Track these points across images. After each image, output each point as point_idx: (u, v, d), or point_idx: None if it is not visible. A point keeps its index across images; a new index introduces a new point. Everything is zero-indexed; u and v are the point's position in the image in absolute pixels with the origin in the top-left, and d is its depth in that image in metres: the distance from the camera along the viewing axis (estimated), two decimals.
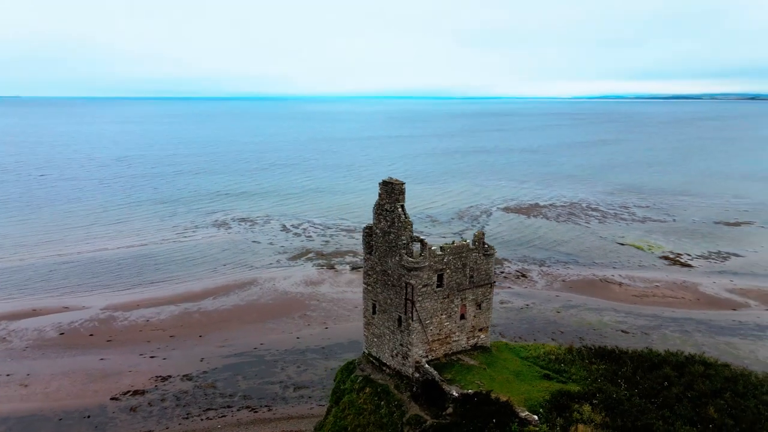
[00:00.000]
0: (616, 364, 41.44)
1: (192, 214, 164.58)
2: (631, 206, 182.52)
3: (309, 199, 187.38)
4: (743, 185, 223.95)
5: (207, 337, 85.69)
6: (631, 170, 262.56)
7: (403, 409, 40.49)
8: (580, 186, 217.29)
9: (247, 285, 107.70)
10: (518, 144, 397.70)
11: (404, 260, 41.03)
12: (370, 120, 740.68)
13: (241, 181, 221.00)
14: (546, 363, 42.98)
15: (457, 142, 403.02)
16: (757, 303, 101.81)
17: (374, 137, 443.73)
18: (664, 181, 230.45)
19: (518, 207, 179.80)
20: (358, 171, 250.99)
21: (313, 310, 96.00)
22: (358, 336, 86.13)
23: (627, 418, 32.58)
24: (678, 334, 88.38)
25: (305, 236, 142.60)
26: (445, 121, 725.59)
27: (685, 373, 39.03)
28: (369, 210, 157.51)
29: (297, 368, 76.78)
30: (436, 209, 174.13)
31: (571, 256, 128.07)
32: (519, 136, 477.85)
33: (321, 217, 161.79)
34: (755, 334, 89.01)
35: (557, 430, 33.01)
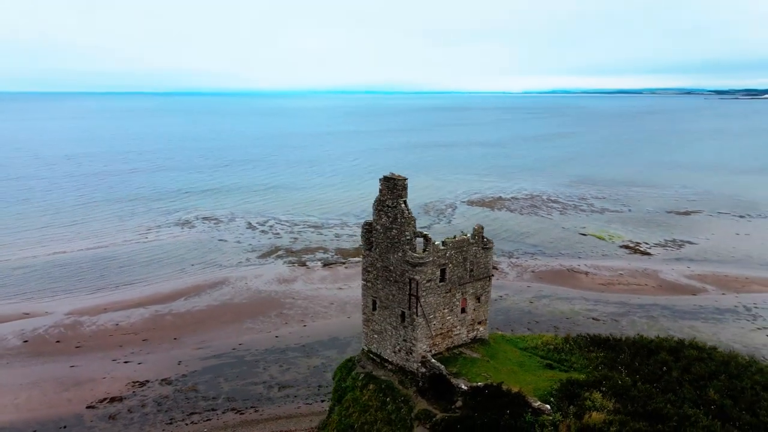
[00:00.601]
0: (613, 352, 42.89)
1: (152, 213, 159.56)
2: (588, 197, 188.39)
3: (273, 195, 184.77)
4: (689, 175, 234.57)
5: (182, 340, 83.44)
6: (585, 162, 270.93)
7: (411, 404, 40.62)
8: (539, 179, 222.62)
9: (219, 284, 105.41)
10: (477, 138, 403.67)
11: (408, 256, 41.08)
12: (327, 115, 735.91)
13: (201, 178, 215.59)
14: (546, 353, 44.00)
15: (417, 137, 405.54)
16: (714, 288, 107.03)
17: (334, 132, 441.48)
18: (617, 173, 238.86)
19: (482, 200, 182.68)
20: (321, 167, 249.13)
21: (290, 308, 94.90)
22: (337, 333, 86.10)
23: (636, 403, 33.78)
24: (645, 320, 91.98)
25: (273, 233, 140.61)
26: (402, 115, 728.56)
27: (681, 357, 40.81)
28: (336, 205, 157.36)
29: (279, 367, 75.78)
30: None
31: (537, 247, 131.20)
32: (477, 130, 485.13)
33: (287, 214, 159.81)
34: (715, 317, 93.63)
35: (570, 418, 33.85)
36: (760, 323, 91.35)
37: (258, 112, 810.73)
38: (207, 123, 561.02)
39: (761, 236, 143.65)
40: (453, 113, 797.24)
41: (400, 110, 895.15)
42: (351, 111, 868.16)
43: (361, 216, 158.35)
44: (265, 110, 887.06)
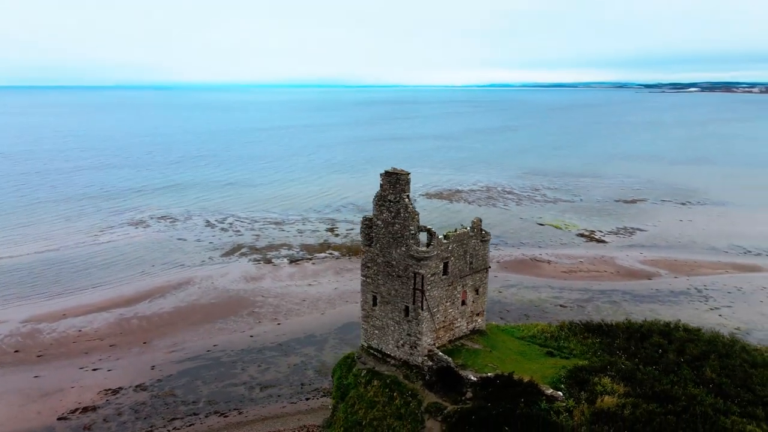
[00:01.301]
0: (608, 337, 44.61)
1: (102, 213, 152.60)
2: (541, 188, 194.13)
3: (229, 192, 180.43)
4: (631, 165, 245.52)
5: (153, 343, 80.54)
6: (534, 154, 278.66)
7: (419, 398, 40.89)
8: (493, 171, 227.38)
9: (183, 285, 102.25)
10: (429, 131, 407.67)
11: (413, 250, 41.22)
12: (272, 109, 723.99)
13: (151, 176, 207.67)
14: (543, 341, 45.24)
15: (369, 131, 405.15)
16: (667, 272, 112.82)
17: (284, 127, 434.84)
18: (565, 164, 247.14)
19: (440, 193, 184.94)
20: (276, 162, 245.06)
21: (261, 307, 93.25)
22: (313, 330, 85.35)
23: (644, 386, 35.34)
24: (608, 305, 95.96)
25: (233, 231, 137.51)
26: (350, 109, 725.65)
27: (673, 339, 42.94)
28: (295, 201, 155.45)
29: (258, 367, 74.41)
30: (363, 199, 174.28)
31: (499, 237, 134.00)
32: (428, 123, 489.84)
33: (246, 211, 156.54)
34: (671, 300, 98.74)
35: (583, 403, 35.01)
36: (712, 304, 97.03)
37: (198, 107, 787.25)
38: (146, 118, 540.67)
39: (702, 222, 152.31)
40: (401, 107, 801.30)
41: (346, 104, 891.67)
42: (297, 105, 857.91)
43: (321, 211, 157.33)
44: (206, 104, 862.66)
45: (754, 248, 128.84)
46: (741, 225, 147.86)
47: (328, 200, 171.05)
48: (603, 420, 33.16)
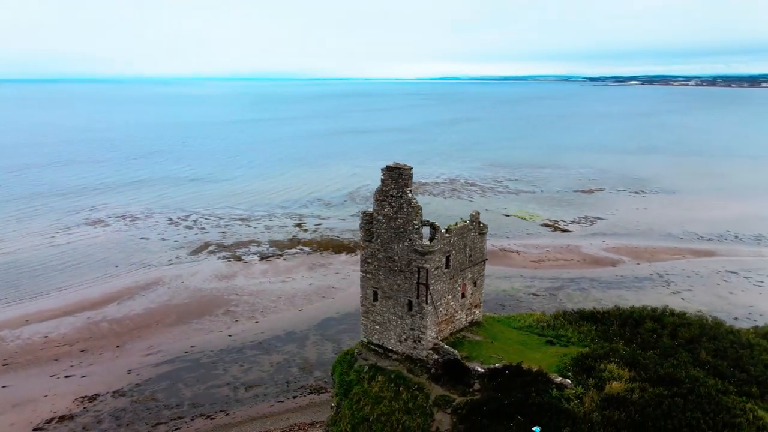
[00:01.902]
0: (603, 324, 46.01)
1: (56, 213, 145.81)
2: (502, 180, 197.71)
3: (191, 189, 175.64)
4: (585, 156, 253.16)
5: (127, 347, 77.84)
6: (492, 146, 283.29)
7: (426, 391, 41.09)
8: (454, 163, 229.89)
9: (152, 285, 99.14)
10: (389, 124, 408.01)
11: (418, 245, 41.26)
12: (226, 103, 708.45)
13: (106, 172, 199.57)
14: (541, 330, 46.23)
15: (328, 124, 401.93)
16: (629, 258, 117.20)
17: (241, 121, 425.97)
18: (523, 155, 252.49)
19: None
20: (237, 157, 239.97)
21: (236, 305, 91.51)
22: (292, 327, 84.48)
23: (648, 370, 36.68)
24: (578, 292, 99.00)
25: (198, 228, 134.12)
26: (304, 103, 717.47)
27: (665, 324, 44.70)
28: (260, 197, 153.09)
29: (240, 367, 73.13)
30: (326, 192, 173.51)
31: None
32: (387, 115, 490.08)
33: (209, 208, 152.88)
34: (636, 285, 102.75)
35: (591, 390, 36.04)
36: (674, 288, 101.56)
37: (150, 100, 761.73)
38: (96, 112, 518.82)
39: (656, 210, 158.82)
40: (356, 100, 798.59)
41: (299, 97, 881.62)
42: (250, 98, 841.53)
43: (287, 207, 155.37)
44: (157, 98, 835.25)
45: (707, 234, 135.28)
46: (692, 212, 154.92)
47: (293, 195, 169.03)
48: (613, 405, 34.23)
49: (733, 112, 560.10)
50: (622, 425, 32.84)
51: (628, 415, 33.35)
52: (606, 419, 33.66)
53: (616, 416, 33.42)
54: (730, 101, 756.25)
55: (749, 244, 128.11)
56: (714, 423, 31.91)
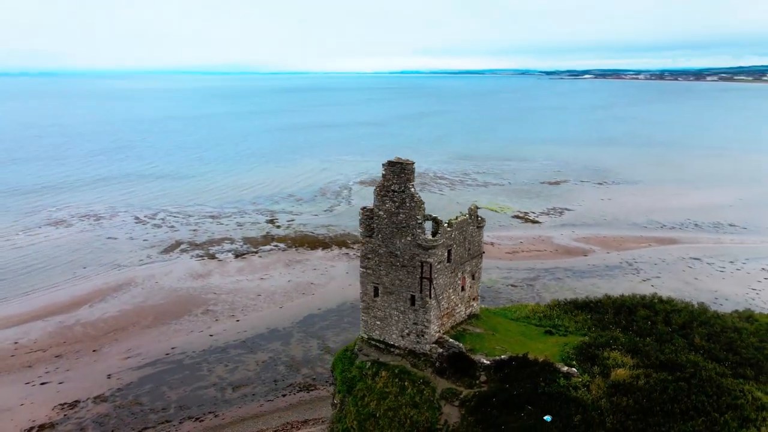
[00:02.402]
0: (597, 313, 47.17)
1: (13, 213, 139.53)
2: (470, 173, 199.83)
3: (155, 186, 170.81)
4: (548, 148, 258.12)
5: (104, 351, 75.34)
6: (458, 139, 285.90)
7: (432, 385, 41.30)
8: (421, 156, 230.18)
9: (125, 286, 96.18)
10: (354, 118, 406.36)
11: (421, 240, 41.32)
12: (185, 97, 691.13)
13: (64, 170, 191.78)
14: (538, 321, 47.07)
15: (293, 118, 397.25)
16: (599, 248, 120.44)
17: (202, 116, 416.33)
18: (488, 148, 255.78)
19: (373, 180, 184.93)
20: (202, 153, 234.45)
21: (215, 304, 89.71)
22: (275, 324, 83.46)
23: (650, 357, 37.85)
24: (554, 282, 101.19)
25: (167, 227, 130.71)
26: (266, 97, 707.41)
27: (658, 311, 46.18)
28: (229, 193, 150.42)
29: (225, 367, 71.82)
30: (296, 188, 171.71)
31: None
32: (351, 109, 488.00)
33: (176, 205, 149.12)
34: (608, 274, 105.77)
35: (597, 377, 36.96)
36: (643, 275, 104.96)
37: (106, 94, 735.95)
38: (43, 107, 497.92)
39: (620, 200, 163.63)
40: (318, 93, 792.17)
41: (260, 91, 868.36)
42: (209, 92, 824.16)
43: (258, 203, 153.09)
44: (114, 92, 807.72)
45: (669, 222, 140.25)
46: (654, 201, 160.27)
47: (263, 191, 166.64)
48: (620, 392, 35.22)
49: (683, 104, 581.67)
50: (631, 411, 33.82)
51: (635, 401, 34.35)
52: (614, 406, 34.61)
53: (624, 402, 34.38)
54: (679, 94, 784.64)
55: (708, 232, 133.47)
56: (718, 405, 33.21)
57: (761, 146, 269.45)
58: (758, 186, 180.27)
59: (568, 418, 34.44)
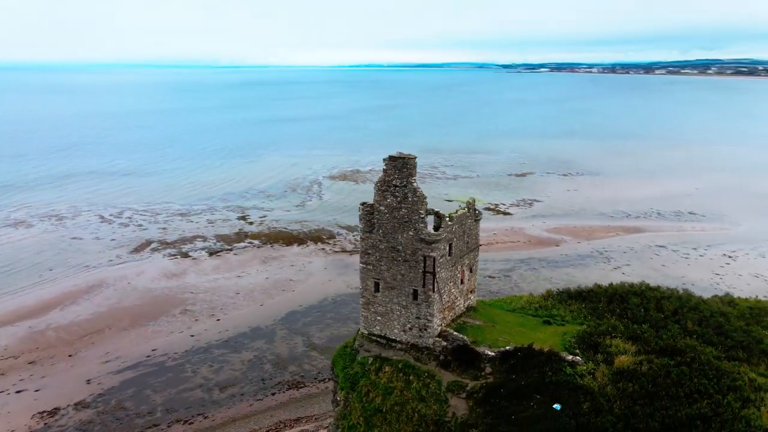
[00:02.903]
0: (590, 302, 48.31)
1: None
2: (439, 166, 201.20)
3: (118, 184, 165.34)
4: (512, 141, 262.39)
5: (80, 355, 72.81)
6: (422, 133, 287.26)
7: (437, 378, 41.51)
8: (387, 150, 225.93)
9: (96, 288, 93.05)
10: (316, 112, 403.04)
11: (424, 234, 41.38)
12: (139, 92, 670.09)
13: (20, 169, 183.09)
14: (534, 311, 47.86)
15: (253, 113, 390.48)
16: (570, 238, 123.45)
17: (161, 111, 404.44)
18: (454, 141, 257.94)
19: (343, 174, 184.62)
20: (164, 149, 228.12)
21: (193, 304, 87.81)
22: (257, 322, 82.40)
23: (650, 343, 39.04)
24: (530, 272, 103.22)
25: (135, 225, 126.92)
26: (222, 91, 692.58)
27: (649, 299, 47.61)
28: (196, 190, 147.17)
29: (210, 367, 70.52)
30: (265, 183, 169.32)
31: None
32: (311, 103, 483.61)
33: (142, 203, 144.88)
34: (580, 263, 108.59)
35: (601, 365, 37.92)
36: (614, 264, 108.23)
37: (52, 89, 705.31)
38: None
39: (585, 191, 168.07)
40: (277, 87, 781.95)
41: (216, 86, 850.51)
42: (163, 87, 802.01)
43: (227, 199, 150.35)
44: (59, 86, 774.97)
45: (633, 212, 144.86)
46: (618, 191, 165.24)
47: (232, 187, 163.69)
48: (625, 378, 36.19)
49: (636, 97, 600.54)
50: (638, 396, 34.81)
51: (641, 387, 35.35)
52: (621, 392, 35.54)
53: (630, 388, 35.34)
54: (631, 87, 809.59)
55: (671, 220, 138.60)
56: (719, 387, 34.54)
57: (712, 137, 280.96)
58: (712, 175, 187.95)
59: (577, 406, 35.16)
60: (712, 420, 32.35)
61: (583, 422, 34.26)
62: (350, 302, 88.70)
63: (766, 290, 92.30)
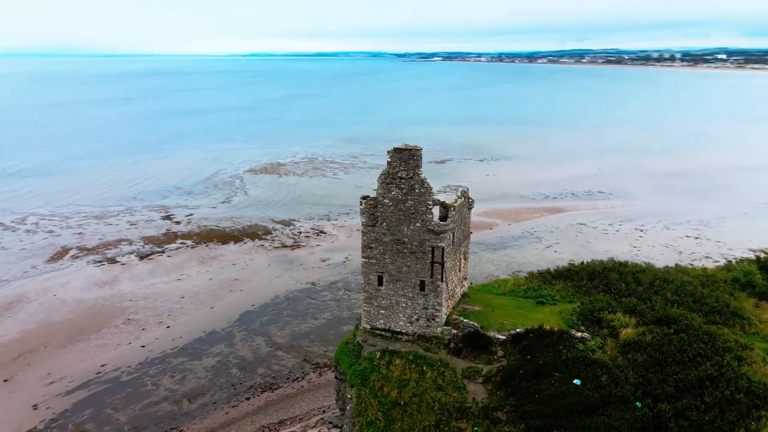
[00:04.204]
0: (572, 280, 50.95)
1: None
2: (359, 155, 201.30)
3: (14, 185, 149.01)
4: (424, 128, 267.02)
5: (18, 379, 65.48)
6: (336, 122, 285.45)
7: (451, 366, 42.05)
8: (304, 141, 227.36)
9: (16, 304, 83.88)
10: (220, 103, 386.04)
11: (433, 224, 41.54)
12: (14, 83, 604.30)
13: None
14: (524, 293, 49.64)
15: (151, 105, 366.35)
16: (500, 221, 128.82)
17: (48, 105, 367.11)
18: (369, 130, 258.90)
19: (264, 168, 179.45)
20: (61, 147, 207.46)
21: (135, 312, 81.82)
22: (210, 326, 78.80)
23: (645, 315, 42.05)
24: (472, 256, 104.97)
25: (44, 232, 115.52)
26: (114, 82, 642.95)
27: (626, 273, 51.05)
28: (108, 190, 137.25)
29: (171, 378, 66.28)
30: (182, 180, 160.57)
31: (346, 206, 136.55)
32: (214, 94, 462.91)
33: (49, 206, 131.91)
34: (516, 244, 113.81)
35: (607, 339, 40.36)
36: (545, 243, 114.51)
37: None
38: None
39: (503, 175, 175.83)
40: (172, 78, 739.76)
41: (105, 76, 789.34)
42: (40, 78, 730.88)
43: (145, 199, 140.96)
44: None
45: (551, 193, 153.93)
46: (533, 174, 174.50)
47: (147, 186, 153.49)
48: (633, 349, 38.84)
49: (526, 84, 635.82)
50: (648, 365, 37.51)
51: (649, 356, 38.12)
52: (631, 362, 38.13)
53: (640, 359, 38.00)
54: (519, 75, 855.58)
55: (584, 199, 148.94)
56: (715, 350, 38.05)
57: (599, 122, 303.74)
58: (608, 157, 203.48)
59: (596, 379, 37.21)
60: (718, 379, 35.60)
61: (605, 394, 36.36)
62: (303, 298, 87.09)
63: (677, 258, 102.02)
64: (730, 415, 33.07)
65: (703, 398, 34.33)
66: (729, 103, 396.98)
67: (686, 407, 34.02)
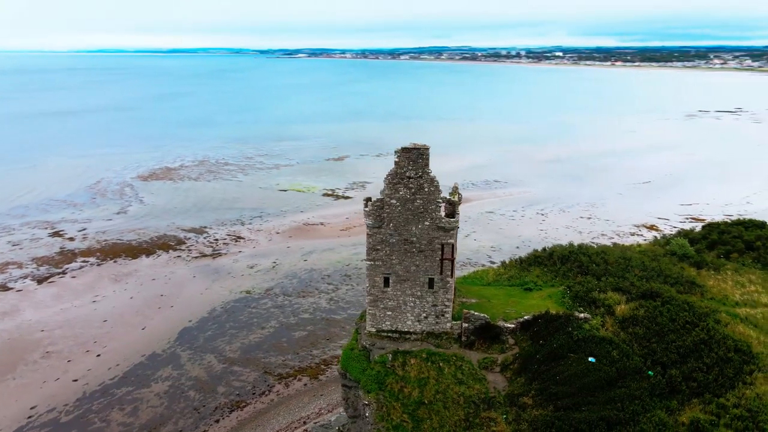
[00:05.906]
0: (545, 266, 53.87)
1: None
2: (253, 156, 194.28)
3: None
4: (312, 125, 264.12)
5: None
6: (218, 123, 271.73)
7: (467, 359, 42.67)
8: (190, 143, 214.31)
9: None
10: (85, 103, 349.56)
11: (443, 222, 41.72)
12: None
13: None
14: (508, 281, 51.63)
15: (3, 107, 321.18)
16: None
17: None
18: (258, 129, 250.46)
19: (153, 173, 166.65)
20: None
21: (53, 344, 72.37)
22: (147, 348, 72.89)
23: (631, 292, 45.80)
24: None
25: None
26: None
27: (593, 255, 54.90)
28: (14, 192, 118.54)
29: (122, 411, 59.77)
30: (62, 191, 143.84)
31: (258, 210, 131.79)
32: (72, 94, 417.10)
33: None
34: None
35: (605, 317, 43.50)
36: (465, 232, 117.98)
37: None
38: None
39: None
40: (16, 77, 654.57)
41: None
42: None
43: (24, 215, 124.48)
44: None
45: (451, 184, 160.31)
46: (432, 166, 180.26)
47: (20, 200, 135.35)
48: (631, 324, 42.18)
49: (396, 80, 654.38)
50: (650, 336, 41.06)
51: (647, 328, 41.71)
52: (634, 336, 41.48)
53: (641, 332, 41.47)
54: (386, 71, 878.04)
55: (484, 189, 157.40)
56: (700, 316, 42.64)
57: (472, 115, 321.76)
58: (494, 146, 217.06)
59: (607, 355, 39.95)
60: (710, 342, 39.95)
61: (620, 367, 39.22)
62: (242, 308, 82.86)
63: (580, 238, 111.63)
64: (729, 372, 37.33)
65: (703, 360, 38.34)
66: (575, 96, 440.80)
67: (692, 370, 37.78)
